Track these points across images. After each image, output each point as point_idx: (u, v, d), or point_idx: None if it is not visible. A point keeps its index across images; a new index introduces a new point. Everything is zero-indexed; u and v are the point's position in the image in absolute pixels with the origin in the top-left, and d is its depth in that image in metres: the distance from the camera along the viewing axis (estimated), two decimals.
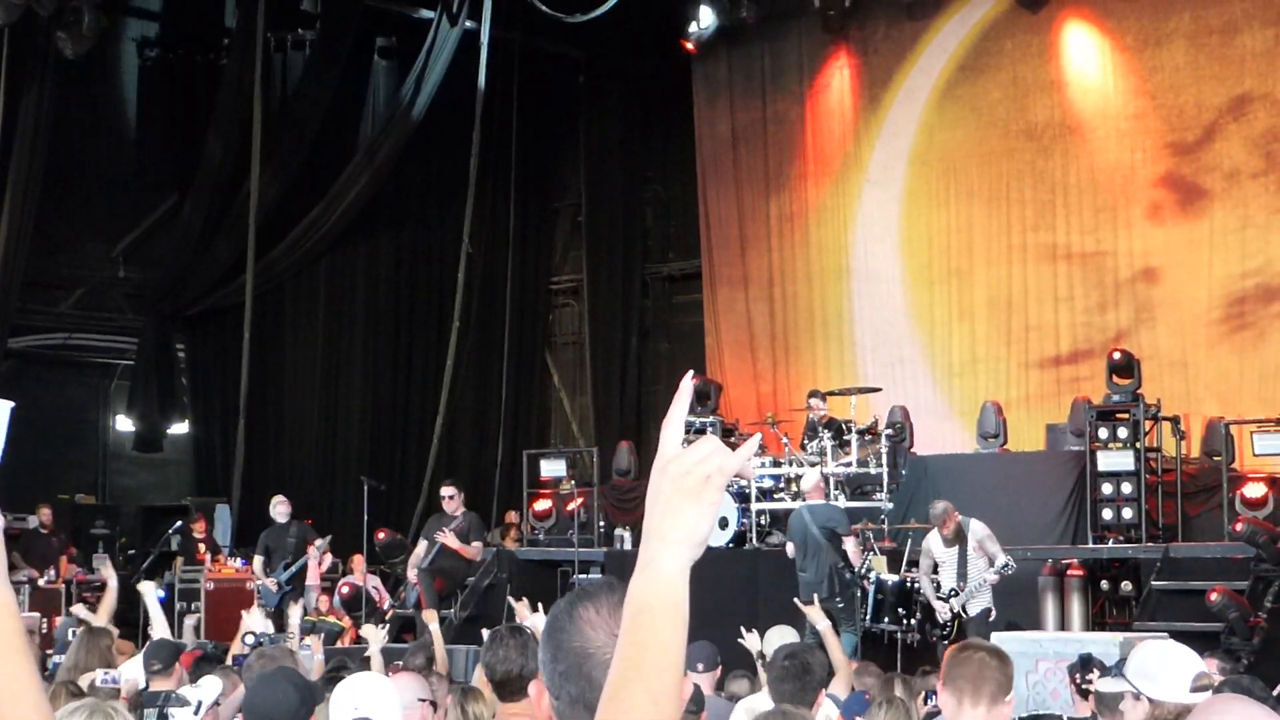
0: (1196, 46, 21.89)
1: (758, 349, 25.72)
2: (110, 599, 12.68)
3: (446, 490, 18.52)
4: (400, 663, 10.41)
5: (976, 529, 15.40)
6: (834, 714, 7.92)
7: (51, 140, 22.87)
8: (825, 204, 25.16)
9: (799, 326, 25.24)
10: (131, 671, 8.75)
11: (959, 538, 15.38)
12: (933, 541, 15.64)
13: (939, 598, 15.47)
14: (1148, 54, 22.30)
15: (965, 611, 15.28)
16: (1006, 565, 15.20)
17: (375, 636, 11.30)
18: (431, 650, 11.18)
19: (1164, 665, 5.35)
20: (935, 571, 15.64)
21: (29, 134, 22.41)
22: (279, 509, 19.50)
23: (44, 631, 16.77)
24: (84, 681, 8.34)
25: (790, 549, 16.39)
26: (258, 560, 19.22)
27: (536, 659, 5.41)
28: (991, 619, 15.22)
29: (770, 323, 25.54)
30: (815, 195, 25.24)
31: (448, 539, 17.97)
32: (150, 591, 12.42)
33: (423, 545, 18.36)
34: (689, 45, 25.76)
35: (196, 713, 6.76)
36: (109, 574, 13.37)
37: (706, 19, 25.26)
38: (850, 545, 16.14)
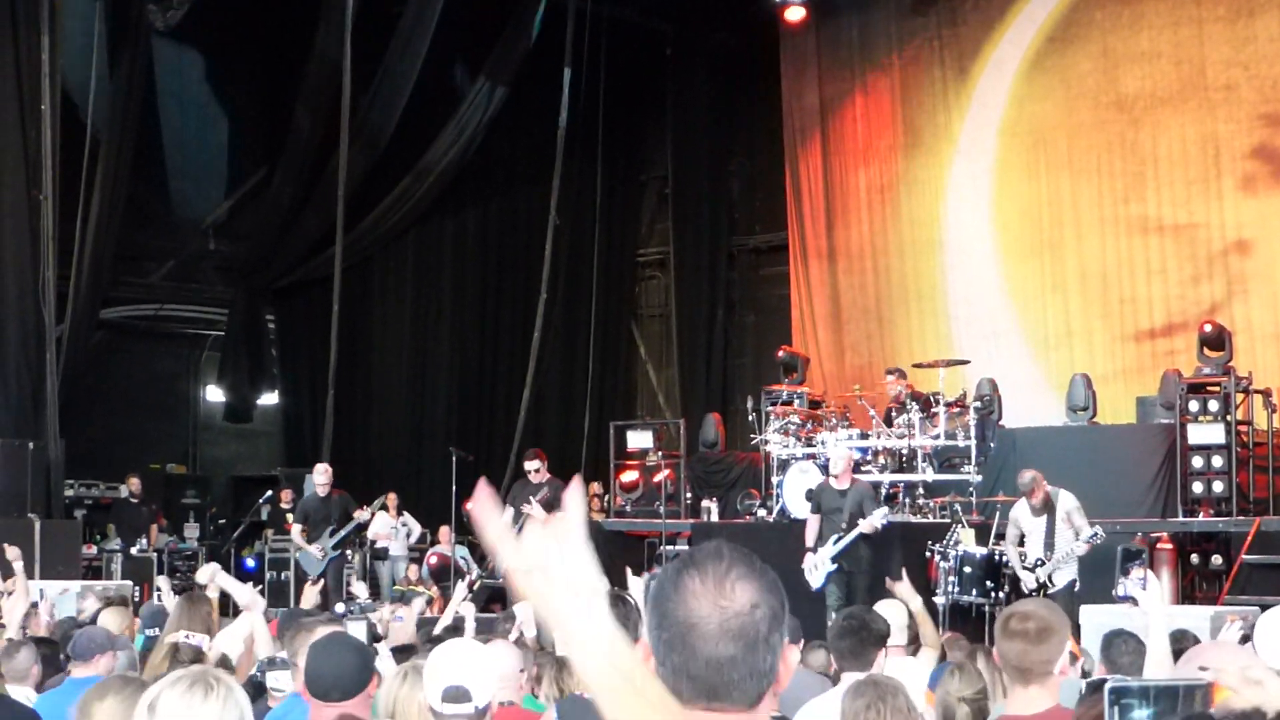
0: None
1: (846, 321, 25.59)
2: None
3: (530, 464, 18.05)
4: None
5: (1065, 500, 15.30)
6: (901, 666, 7.98)
7: (142, 113, 23.02)
8: (916, 176, 25.01)
9: (892, 299, 25.09)
10: (223, 642, 8.59)
11: (1047, 507, 15.28)
12: (1020, 511, 15.56)
13: (1024, 567, 15.39)
14: (1241, 24, 22.03)
15: (1051, 581, 15.18)
16: (1095, 535, 15.01)
17: (468, 610, 10.63)
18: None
19: None
20: (1022, 542, 15.56)
21: (121, 107, 22.63)
22: (319, 479, 18.76)
23: (137, 600, 16.88)
24: (167, 641, 8.25)
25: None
26: (296, 528, 18.61)
27: (638, 629, 5.41)
28: (1076, 590, 15.12)
29: (861, 295, 25.40)
30: (906, 167, 25.09)
31: (533, 511, 17.85)
32: (213, 572, 9.85)
33: (509, 513, 18.21)
34: (789, 15, 25.15)
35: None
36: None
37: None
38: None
